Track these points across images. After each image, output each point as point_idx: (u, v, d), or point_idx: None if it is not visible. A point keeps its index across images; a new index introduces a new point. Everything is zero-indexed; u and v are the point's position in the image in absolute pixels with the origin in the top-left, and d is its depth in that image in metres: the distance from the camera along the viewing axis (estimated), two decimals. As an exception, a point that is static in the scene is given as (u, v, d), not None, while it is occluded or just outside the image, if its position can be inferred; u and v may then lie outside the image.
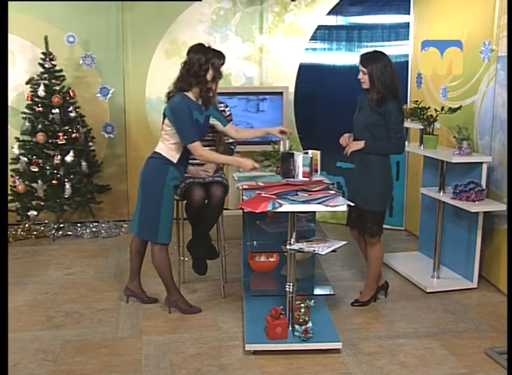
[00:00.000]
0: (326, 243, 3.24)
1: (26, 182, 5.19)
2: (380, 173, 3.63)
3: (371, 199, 3.61)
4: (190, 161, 3.80)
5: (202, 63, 3.34)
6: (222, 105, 3.95)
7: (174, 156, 3.45)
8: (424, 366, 3.08)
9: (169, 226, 3.53)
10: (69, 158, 5.08)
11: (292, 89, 5.72)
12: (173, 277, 3.67)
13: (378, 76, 3.48)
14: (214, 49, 3.42)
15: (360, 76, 3.57)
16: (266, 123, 5.34)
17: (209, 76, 3.38)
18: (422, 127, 4.20)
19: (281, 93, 5.42)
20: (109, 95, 5.62)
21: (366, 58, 3.57)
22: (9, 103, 5.35)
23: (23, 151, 5.17)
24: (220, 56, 3.42)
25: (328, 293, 3.64)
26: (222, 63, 3.43)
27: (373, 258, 3.76)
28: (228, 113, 3.96)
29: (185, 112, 3.34)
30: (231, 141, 3.97)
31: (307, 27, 5.66)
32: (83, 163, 5.22)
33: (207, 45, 3.43)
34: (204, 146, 3.78)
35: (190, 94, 3.40)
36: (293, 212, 3.16)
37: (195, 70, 3.34)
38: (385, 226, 3.80)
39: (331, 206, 3.03)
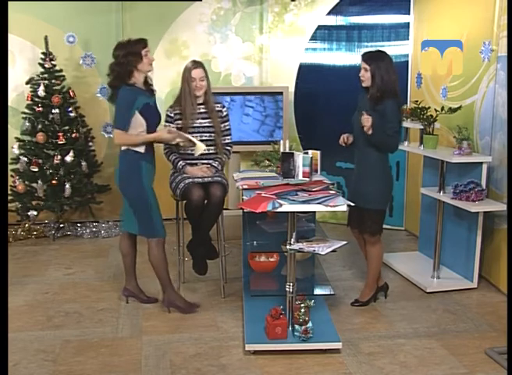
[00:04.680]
0: (326, 243, 3.24)
1: (26, 182, 5.19)
2: (380, 172, 3.64)
3: (372, 198, 3.62)
4: (189, 161, 3.82)
5: (132, 53, 3.47)
6: (218, 105, 3.92)
7: (140, 147, 3.51)
8: (424, 366, 3.08)
9: (161, 219, 3.59)
10: (69, 158, 5.09)
11: (292, 89, 5.72)
12: (169, 274, 3.67)
13: (380, 74, 3.49)
14: (137, 39, 3.54)
15: (362, 73, 3.58)
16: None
17: (138, 64, 3.49)
18: (422, 127, 4.20)
19: (281, 93, 5.42)
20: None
21: (370, 57, 3.58)
22: (9, 103, 5.35)
23: (23, 151, 5.17)
24: (140, 42, 3.52)
25: (328, 293, 3.64)
26: (144, 47, 3.51)
27: (373, 257, 3.76)
28: (225, 114, 3.94)
29: (123, 102, 3.45)
30: (227, 141, 3.97)
31: (307, 27, 5.66)
32: (83, 163, 5.23)
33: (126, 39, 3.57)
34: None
35: (132, 82, 3.50)
36: (293, 212, 3.16)
37: (127, 61, 3.46)
38: (385, 226, 3.79)
39: (331, 206, 3.04)
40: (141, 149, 3.51)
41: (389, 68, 3.51)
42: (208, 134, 3.82)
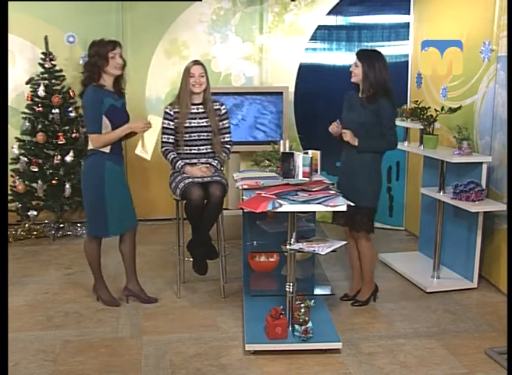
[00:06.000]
0: (326, 243, 3.24)
1: (26, 182, 5.18)
2: (375, 171, 3.67)
3: (369, 196, 3.63)
4: (187, 161, 3.82)
5: (99, 54, 3.49)
6: (217, 103, 3.92)
7: (106, 147, 3.54)
8: (424, 366, 3.08)
9: (118, 220, 3.66)
10: (69, 158, 5.09)
11: (292, 89, 5.71)
12: (100, 268, 3.82)
13: (373, 72, 3.52)
14: (107, 41, 3.57)
15: (353, 68, 3.63)
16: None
17: (104, 66, 3.49)
18: (422, 127, 4.20)
19: (281, 93, 5.42)
20: (109, 95, 5.61)
21: (363, 54, 3.64)
22: (9, 103, 5.34)
23: (23, 151, 5.17)
24: (109, 44, 3.54)
25: (328, 293, 3.64)
26: (111, 50, 3.52)
27: (367, 255, 3.75)
28: (223, 112, 3.94)
29: (90, 105, 3.48)
30: (227, 140, 3.97)
31: (307, 27, 5.66)
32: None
33: (106, 39, 3.59)
34: (200, 146, 3.82)
35: (100, 83, 3.50)
36: (293, 212, 3.16)
37: (94, 61, 3.49)
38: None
39: (331, 206, 3.04)
40: (106, 149, 3.55)
41: (381, 67, 3.54)
42: (205, 134, 3.83)
